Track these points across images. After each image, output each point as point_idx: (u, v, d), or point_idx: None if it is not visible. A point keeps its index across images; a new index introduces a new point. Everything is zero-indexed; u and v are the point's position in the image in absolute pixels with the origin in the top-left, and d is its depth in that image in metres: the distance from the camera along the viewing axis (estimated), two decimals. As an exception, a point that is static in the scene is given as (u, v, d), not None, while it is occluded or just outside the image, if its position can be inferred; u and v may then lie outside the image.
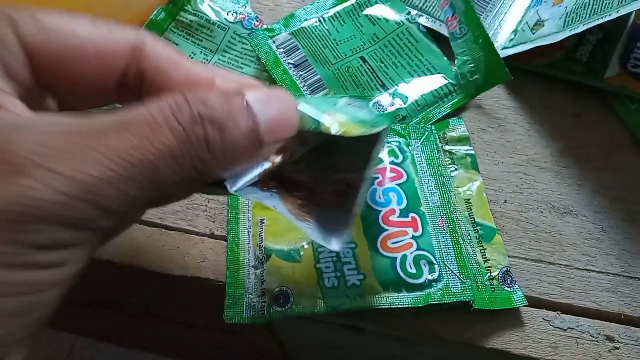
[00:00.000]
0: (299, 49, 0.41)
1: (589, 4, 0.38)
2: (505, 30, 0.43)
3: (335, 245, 0.25)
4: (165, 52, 0.25)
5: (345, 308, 0.31)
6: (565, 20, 0.39)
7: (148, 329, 0.59)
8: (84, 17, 0.23)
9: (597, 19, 0.37)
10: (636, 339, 0.32)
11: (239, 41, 0.42)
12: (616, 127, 0.40)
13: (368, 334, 0.34)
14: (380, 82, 0.40)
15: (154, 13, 0.42)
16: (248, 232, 0.34)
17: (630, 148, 0.39)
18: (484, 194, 0.36)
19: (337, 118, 0.26)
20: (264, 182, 0.26)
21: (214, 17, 0.43)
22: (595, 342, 0.32)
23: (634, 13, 0.41)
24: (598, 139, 0.39)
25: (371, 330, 0.33)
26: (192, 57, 0.42)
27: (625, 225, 0.36)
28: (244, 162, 0.23)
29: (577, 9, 0.39)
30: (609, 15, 0.36)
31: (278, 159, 0.25)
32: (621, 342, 0.32)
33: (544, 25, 0.41)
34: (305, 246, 0.33)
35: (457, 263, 0.33)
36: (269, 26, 0.42)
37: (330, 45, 0.41)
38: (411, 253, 0.32)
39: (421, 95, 0.40)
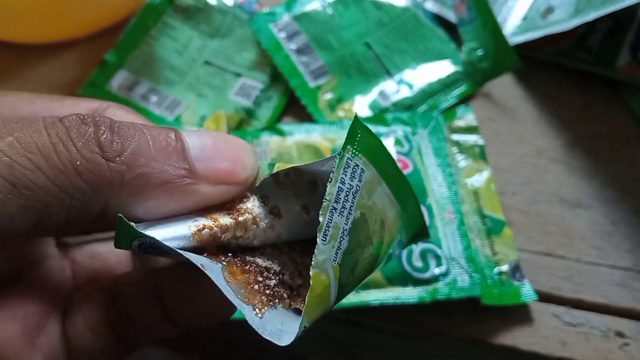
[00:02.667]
0: (302, 33, 0.40)
1: (601, -10, 0.37)
2: (515, 17, 0.42)
3: (286, 339, 0.18)
4: (129, 119, 0.23)
5: (348, 303, 0.30)
6: (576, 7, 0.38)
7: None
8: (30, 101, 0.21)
9: (609, 7, 0.35)
10: (647, 335, 0.31)
11: (238, 25, 0.41)
12: (627, 118, 0.39)
13: (372, 329, 0.33)
14: (385, 69, 0.39)
15: (150, -5, 0.41)
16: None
17: (641, 139, 0.38)
18: (493, 185, 0.35)
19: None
20: (209, 253, 0.19)
21: (212, 1, 0.41)
22: (605, 337, 0.31)
23: (646, 0, 0.40)
24: (609, 131, 0.38)
25: (375, 325, 0.32)
26: (190, 42, 0.40)
27: (636, 218, 0.35)
28: (163, 192, 0.18)
29: (589, -5, 0.38)
30: (622, 2, 0.35)
31: (226, 219, 0.19)
32: (631, 338, 0.31)
33: (554, 12, 0.40)
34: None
35: (465, 256, 0.32)
36: (271, 10, 0.40)
37: (333, 30, 0.40)
38: (418, 246, 0.31)
39: (427, 83, 0.39)
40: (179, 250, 0.17)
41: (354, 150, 0.17)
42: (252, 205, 0.20)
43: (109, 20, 0.42)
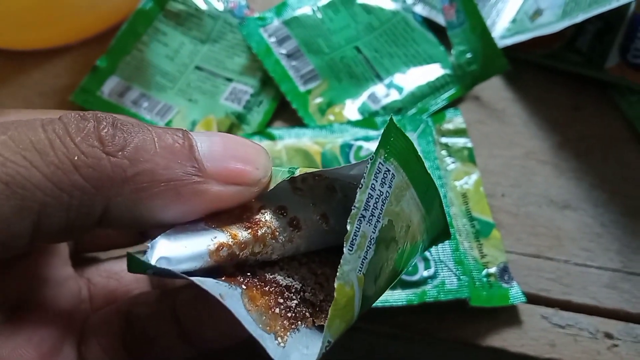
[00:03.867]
0: (292, 38, 0.40)
1: (589, -7, 0.37)
2: (504, 20, 0.42)
3: None
4: None
5: (338, 306, 0.30)
6: (564, 10, 0.38)
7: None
8: None
9: (597, 9, 0.36)
10: (635, 335, 0.31)
11: (229, 30, 0.41)
12: (616, 120, 0.39)
13: (361, 331, 0.33)
14: (375, 73, 0.39)
15: (141, 2, 0.41)
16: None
17: (630, 141, 0.38)
18: (481, 188, 0.35)
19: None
20: (227, 274, 0.18)
21: (203, 6, 0.41)
22: (594, 339, 0.31)
23: (634, 2, 0.40)
24: (598, 132, 0.38)
25: (364, 327, 0.33)
26: (181, 48, 0.41)
27: (625, 220, 0.35)
28: (170, 191, 0.16)
29: (577, -2, 0.38)
30: (609, 4, 0.35)
31: (244, 234, 0.18)
32: (620, 339, 0.31)
33: (542, 14, 0.40)
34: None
35: (453, 259, 0.32)
36: (261, 15, 0.41)
37: (323, 34, 0.40)
38: (406, 249, 0.31)
39: (417, 86, 0.39)
40: (195, 281, 0.16)
41: (386, 155, 0.16)
42: (270, 218, 0.19)
43: (102, 26, 0.42)
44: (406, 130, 0.36)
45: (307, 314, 0.18)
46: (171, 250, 0.17)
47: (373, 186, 0.16)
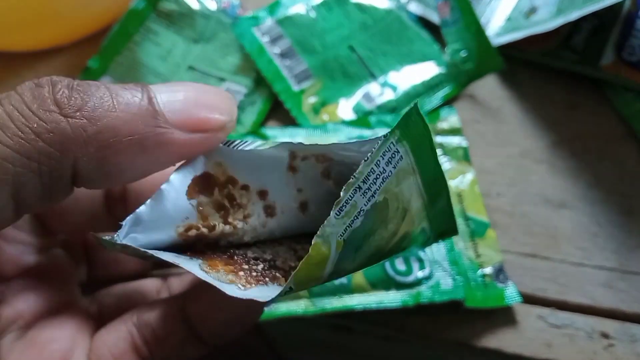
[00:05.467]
0: (285, 37, 0.40)
1: (584, -10, 0.37)
2: (499, 18, 0.42)
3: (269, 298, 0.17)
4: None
5: (332, 308, 0.30)
6: (559, 7, 0.38)
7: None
8: None
9: (592, 6, 0.35)
10: (631, 335, 0.31)
11: (222, 30, 0.41)
12: (612, 118, 0.38)
13: (357, 333, 0.33)
14: (369, 72, 0.39)
15: (133, 2, 0.41)
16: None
17: (626, 139, 0.38)
18: (477, 187, 0.35)
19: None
20: (194, 251, 0.19)
21: (195, 6, 0.41)
22: (590, 339, 0.31)
23: (628, 0, 0.40)
24: (593, 131, 0.38)
25: (360, 329, 0.32)
26: (174, 47, 0.40)
27: (621, 218, 0.35)
28: (133, 145, 0.17)
29: (571, -5, 0.38)
30: (604, 1, 0.35)
31: (215, 216, 0.19)
32: (616, 339, 0.31)
33: (537, 12, 0.40)
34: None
35: (448, 259, 0.31)
36: (254, 14, 0.40)
37: (317, 33, 0.40)
38: (401, 250, 0.31)
39: (411, 85, 0.38)
40: (154, 253, 0.17)
41: (400, 136, 0.16)
42: (247, 201, 0.19)
43: (94, 26, 0.42)
44: (400, 130, 0.36)
45: (277, 274, 0.19)
46: (140, 229, 0.17)
47: (378, 162, 0.16)
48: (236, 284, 0.17)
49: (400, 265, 0.31)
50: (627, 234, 0.34)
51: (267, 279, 0.18)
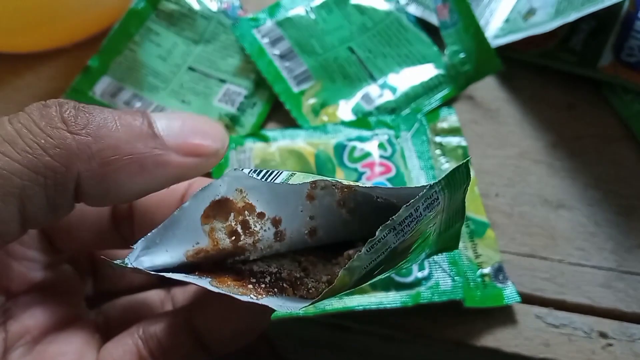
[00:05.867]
0: (285, 39, 0.40)
1: (582, -8, 0.37)
2: (497, 19, 0.42)
3: (284, 310, 0.18)
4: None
5: (332, 309, 0.30)
6: (557, 9, 0.38)
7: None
8: None
9: (590, 7, 0.36)
10: (630, 335, 0.31)
11: (222, 31, 0.41)
12: (610, 119, 0.39)
13: (357, 333, 0.33)
14: (369, 73, 0.39)
15: (134, 2, 0.41)
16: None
17: (624, 140, 0.38)
18: (476, 188, 0.35)
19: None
20: (201, 270, 0.20)
21: (196, 6, 0.41)
22: (588, 338, 0.31)
23: (627, 1, 0.40)
24: (592, 131, 0.38)
25: (359, 329, 0.33)
26: (174, 48, 0.40)
27: (619, 218, 0.35)
28: (133, 163, 0.18)
29: (570, -3, 0.38)
30: (602, 3, 0.35)
31: (225, 242, 0.20)
32: (614, 339, 0.31)
33: (535, 13, 0.40)
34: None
35: (447, 260, 0.32)
36: (254, 15, 0.40)
37: (317, 35, 0.40)
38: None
39: (411, 87, 0.39)
40: (165, 275, 0.18)
41: (444, 186, 0.17)
42: (260, 229, 0.20)
43: (95, 28, 0.42)
44: (400, 130, 0.36)
45: (285, 285, 0.20)
46: (151, 252, 0.18)
47: (417, 208, 0.17)
48: (248, 295, 0.18)
49: (399, 265, 0.31)
50: (625, 234, 0.35)
51: (275, 289, 0.19)
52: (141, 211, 0.23)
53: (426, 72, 0.39)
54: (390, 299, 0.30)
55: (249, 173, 0.19)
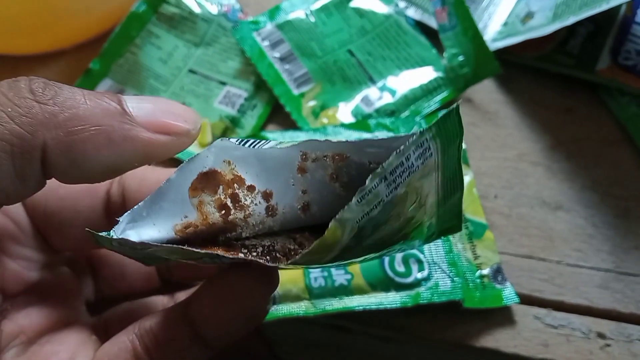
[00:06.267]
0: (285, 42, 0.40)
1: (579, -4, 0.38)
2: (496, 23, 0.42)
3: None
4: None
5: (332, 309, 0.30)
6: (555, 12, 0.39)
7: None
8: None
9: (588, 11, 0.36)
10: (627, 335, 0.32)
11: (223, 34, 0.41)
12: (607, 122, 0.39)
13: (356, 333, 0.34)
14: (368, 76, 0.40)
15: (134, 5, 0.41)
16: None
17: (621, 143, 0.38)
18: (475, 189, 0.35)
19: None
20: (190, 244, 0.19)
21: (196, 9, 0.42)
22: (586, 339, 0.32)
23: (624, 5, 0.40)
24: (589, 134, 0.39)
25: (359, 330, 0.33)
26: (175, 51, 0.41)
27: (616, 220, 0.35)
28: (101, 135, 0.18)
29: (567, 1, 0.38)
30: (600, 6, 0.36)
31: (215, 216, 0.19)
32: (612, 339, 0.32)
33: (534, 17, 0.40)
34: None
35: (447, 261, 0.32)
36: (254, 19, 0.41)
37: (316, 38, 0.40)
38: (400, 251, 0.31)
39: (410, 89, 0.39)
40: (152, 243, 0.17)
41: (435, 133, 0.16)
42: (251, 202, 0.19)
43: (96, 30, 0.42)
44: (399, 132, 0.37)
45: (278, 255, 0.19)
46: (137, 226, 0.18)
47: (409, 156, 0.16)
48: (238, 256, 0.18)
49: (399, 266, 0.31)
50: (623, 236, 0.35)
51: (268, 257, 0.19)
52: (135, 203, 0.23)
53: (425, 74, 0.39)
54: (390, 300, 0.30)
55: (236, 142, 0.19)
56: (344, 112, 0.38)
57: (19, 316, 0.21)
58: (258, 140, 0.19)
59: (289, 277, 0.31)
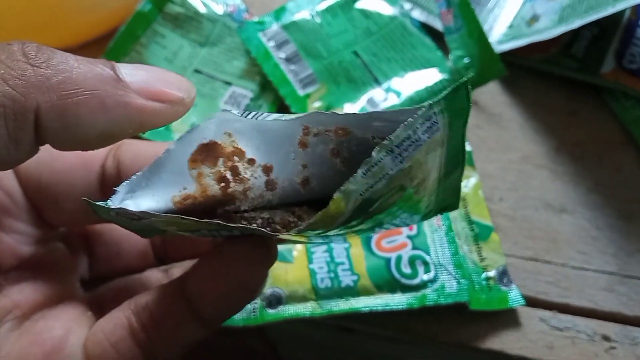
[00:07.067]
0: (290, 42, 0.40)
1: (585, -1, 0.38)
2: (501, 25, 0.42)
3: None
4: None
5: (338, 310, 0.30)
6: (560, 15, 0.39)
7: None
8: None
9: (593, 15, 0.36)
10: (632, 338, 0.32)
11: (228, 34, 0.41)
12: (611, 125, 0.39)
13: (361, 334, 0.34)
14: (373, 77, 0.40)
15: (140, 4, 0.41)
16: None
17: (625, 145, 0.38)
18: (480, 191, 0.35)
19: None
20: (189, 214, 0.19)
21: (202, 9, 0.41)
22: (591, 341, 0.32)
23: (629, 8, 0.40)
24: (593, 137, 0.39)
25: (364, 331, 0.33)
26: (180, 50, 0.41)
27: (620, 223, 0.35)
28: (94, 99, 0.18)
29: (573, 4, 0.38)
30: (605, 10, 0.36)
31: (214, 188, 0.19)
32: (617, 342, 0.32)
33: (539, 20, 0.40)
34: (298, 246, 0.32)
35: (453, 262, 0.32)
36: (260, 19, 0.41)
37: (322, 39, 0.40)
38: (406, 253, 0.31)
39: (415, 91, 0.39)
40: (150, 211, 0.17)
41: (443, 107, 0.16)
42: (250, 175, 0.19)
43: (101, 29, 0.42)
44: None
45: (277, 227, 0.19)
46: (135, 197, 0.17)
47: (416, 129, 0.16)
48: (238, 225, 0.18)
49: (405, 268, 0.31)
50: (627, 238, 0.35)
51: (268, 228, 0.19)
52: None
53: (430, 76, 0.40)
54: (396, 301, 0.30)
55: (238, 114, 0.18)
56: (350, 113, 0.38)
57: (13, 291, 0.21)
58: (260, 112, 0.19)
59: (296, 278, 0.31)
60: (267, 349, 0.43)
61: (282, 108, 0.39)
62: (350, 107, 0.39)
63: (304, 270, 0.31)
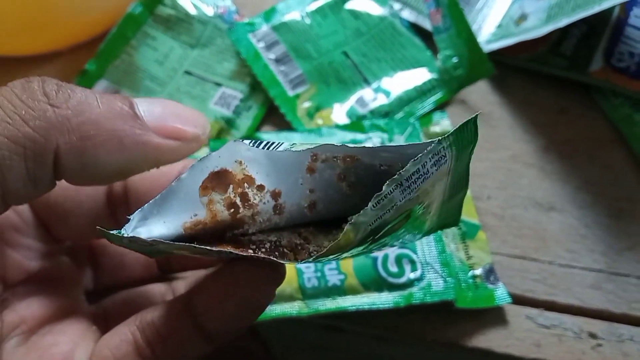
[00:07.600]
0: (280, 43, 0.40)
1: (572, -2, 0.38)
2: (490, 25, 0.43)
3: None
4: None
5: (325, 310, 0.30)
6: (548, 14, 0.39)
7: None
8: None
9: (581, 13, 0.36)
10: (619, 335, 0.32)
11: (219, 35, 0.41)
12: (600, 123, 0.39)
13: (350, 333, 0.34)
14: (363, 77, 0.40)
15: (131, 6, 0.41)
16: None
17: (614, 143, 0.38)
18: (468, 190, 0.35)
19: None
20: (200, 242, 0.19)
21: (192, 11, 0.42)
22: (578, 339, 0.32)
23: (618, 6, 0.40)
24: (582, 135, 0.39)
25: (352, 330, 0.33)
26: (171, 52, 0.41)
27: (609, 221, 0.36)
28: (113, 139, 0.18)
29: (560, 3, 0.39)
30: (593, 8, 0.36)
31: (224, 214, 0.19)
32: (604, 339, 0.32)
33: (527, 19, 0.41)
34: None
35: (439, 261, 0.32)
36: (250, 20, 0.41)
37: (312, 39, 0.40)
38: (393, 251, 0.31)
39: (404, 91, 0.39)
40: (163, 241, 0.18)
41: (452, 142, 0.17)
42: (259, 201, 0.20)
43: (92, 32, 0.43)
44: (393, 133, 0.37)
45: (286, 251, 0.19)
46: (147, 224, 0.18)
47: (425, 164, 0.16)
48: (247, 253, 0.18)
49: (392, 266, 0.31)
50: (615, 236, 0.35)
51: (276, 253, 0.19)
52: (136, 196, 0.23)
53: (419, 76, 0.40)
54: (382, 300, 0.30)
55: (249, 144, 0.19)
56: (339, 113, 0.39)
57: (20, 306, 0.21)
58: (271, 142, 0.19)
59: (283, 277, 0.31)
60: (260, 349, 0.43)
61: (272, 108, 0.40)
62: (340, 107, 0.39)
63: (291, 270, 0.31)
